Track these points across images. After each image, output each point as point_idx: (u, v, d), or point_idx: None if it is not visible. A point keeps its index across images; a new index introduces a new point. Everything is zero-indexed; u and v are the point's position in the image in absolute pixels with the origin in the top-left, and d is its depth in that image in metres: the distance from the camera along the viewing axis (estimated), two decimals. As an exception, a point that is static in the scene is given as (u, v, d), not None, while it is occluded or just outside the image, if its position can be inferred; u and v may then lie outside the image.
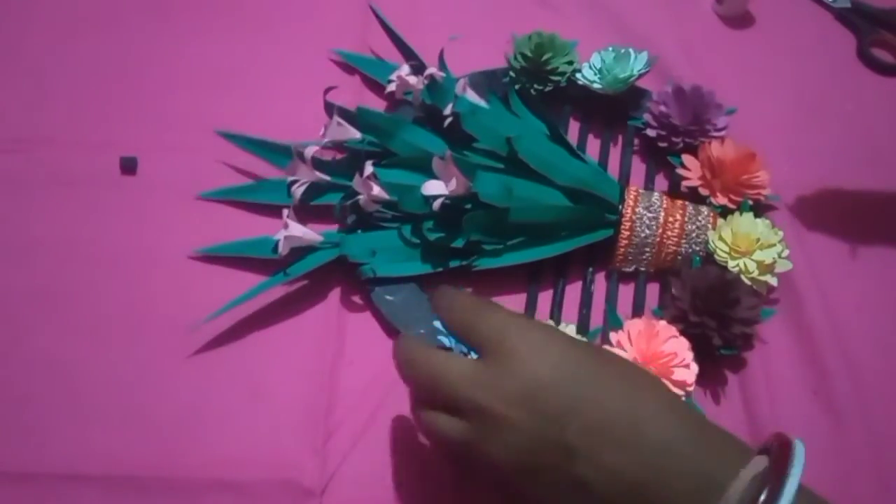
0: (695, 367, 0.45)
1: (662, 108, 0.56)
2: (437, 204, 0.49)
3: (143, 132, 0.57)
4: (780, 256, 0.50)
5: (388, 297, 0.50)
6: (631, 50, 0.57)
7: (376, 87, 0.59)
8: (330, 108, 0.53)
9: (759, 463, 0.34)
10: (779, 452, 0.34)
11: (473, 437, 0.36)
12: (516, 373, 0.36)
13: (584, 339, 0.40)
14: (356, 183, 0.50)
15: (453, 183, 0.49)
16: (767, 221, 0.51)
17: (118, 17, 0.62)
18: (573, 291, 0.52)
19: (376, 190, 0.50)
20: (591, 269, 0.53)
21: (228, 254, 0.51)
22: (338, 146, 0.54)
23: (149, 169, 0.55)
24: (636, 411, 0.35)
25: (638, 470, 0.34)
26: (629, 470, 0.34)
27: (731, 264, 0.49)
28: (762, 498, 0.32)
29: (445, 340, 0.46)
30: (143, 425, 0.46)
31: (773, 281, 0.50)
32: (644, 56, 0.57)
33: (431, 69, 0.54)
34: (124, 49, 0.61)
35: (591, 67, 0.58)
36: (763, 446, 0.35)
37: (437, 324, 0.42)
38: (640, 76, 0.57)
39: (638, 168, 0.57)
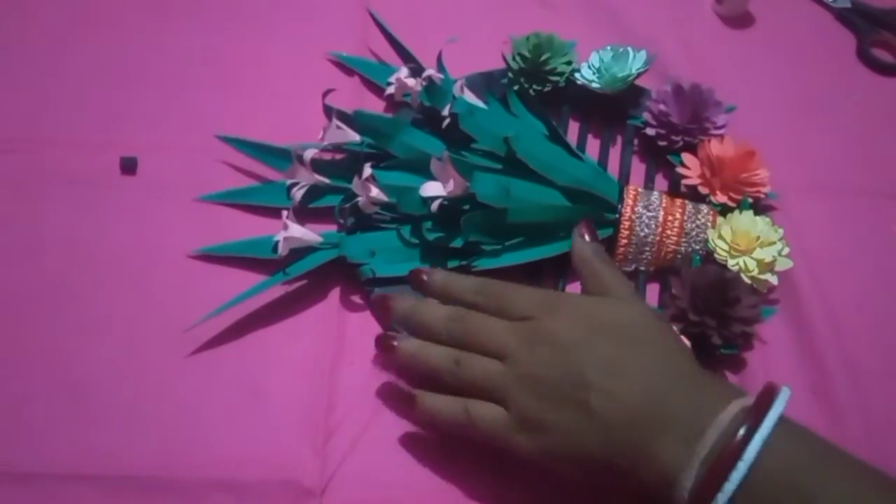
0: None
1: (662, 106, 0.56)
2: (435, 205, 0.49)
3: (143, 132, 0.57)
4: (780, 255, 0.50)
5: (387, 298, 0.50)
6: (629, 49, 0.57)
7: (375, 90, 0.60)
8: (329, 111, 0.53)
9: (747, 400, 0.39)
10: (766, 390, 0.39)
11: (508, 373, 0.42)
12: (555, 324, 0.42)
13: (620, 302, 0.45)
14: (355, 185, 0.50)
15: (451, 184, 0.49)
16: (767, 219, 0.51)
17: (118, 17, 0.63)
18: (573, 291, 0.52)
19: (375, 192, 0.50)
20: (590, 269, 0.53)
21: (228, 254, 0.51)
22: (337, 149, 0.54)
23: (149, 169, 0.55)
24: (648, 358, 0.41)
25: (641, 404, 0.39)
26: (633, 403, 0.39)
27: (730, 263, 0.49)
28: (747, 424, 0.36)
29: None
30: (143, 425, 0.46)
31: (774, 279, 0.50)
32: (643, 55, 0.57)
33: (429, 71, 0.54)
34: (124, 49, 0.61)
35: (589, 67, 0.58)
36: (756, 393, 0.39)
37: None
38: (639, 75, 0.57)
39: (637, 167, 0.57)
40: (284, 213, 0.49)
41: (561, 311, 0.43)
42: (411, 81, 0.55)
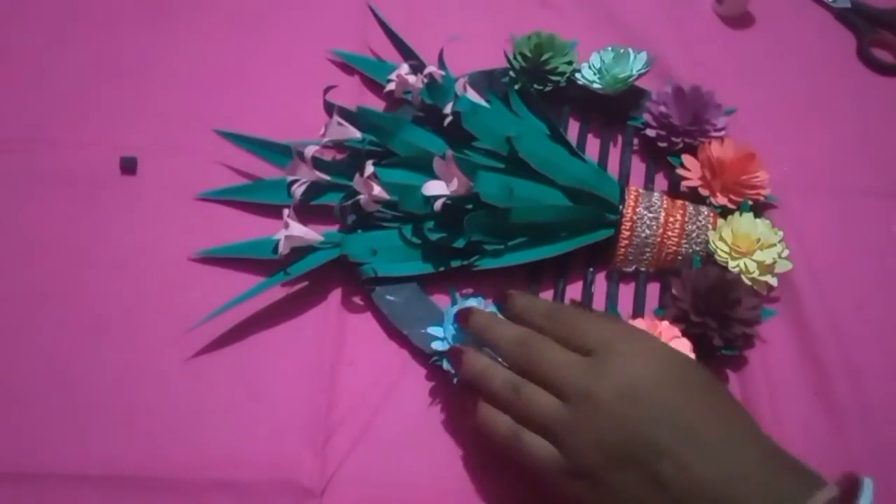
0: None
1: (662, 108, 0.56)
2: (438, 204, 0.49)
3: (143, 132, 0.57)
4: (780, 257, 0.50)
5: (388, 297, 0.50)
6: (630, 50, 0.57)
7: (376, 88, 0.60)
8: (330, 108, 0.53)
9: (831, 490, 0.36)
10: (848, 483, 0.36)
11: (567, 417, 0.39)
12: (623, 370, 0.39)
13: (683, 353, 0.42)
14: (356, 183, 0.50)
15: (454, 183, 0.49)
16: (767, 222, 0.51)
17: (118, 17, 0.63)
18: (574, 292, 0.52)
19: (377, 190, 0.50)
20: (591, 270, 0.53)
21: (229, 255, 0.51)
22: (338, 146, 0.54)
23: (149, 169, 0.55)
24: (725, 429, 0.38)
25: (718, 482, 0.36)
26: (711, 480, 0.36)
27: (731, 265, 0.50)
28: None
29: (439, 342, 0.46)
30: (143, 425, 0.46)
31: (774, 281, 0.50)
32: (643, 56, 0.57)
33: (430, 68, 0.54)
34: (124, 49, 0.61)
35: (590, 67, 0.58)
36: (836, 481, 0.37)
37: (451, 310, 0.46)
38: (640, 76, 0.57)
39: (637, 168, 0.57)
40: (285, 211, 0.49)
41: (635, 351, 0.40)
42: (412, 78, 0.55)
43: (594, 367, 0.39)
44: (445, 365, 0.46)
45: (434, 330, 0.47)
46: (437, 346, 0.47)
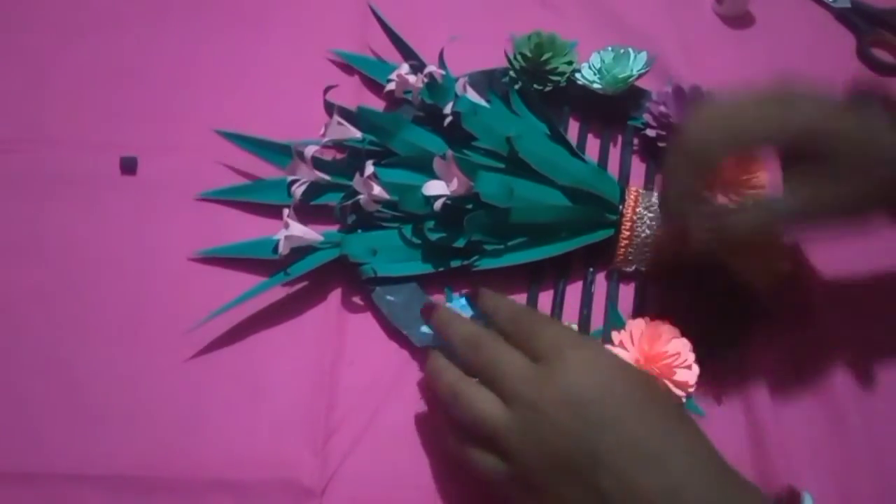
0: (696, 369, 0.45)
1: (662, 108, 0.56)
2: (438, 204, 0.49)
3: (143, 132, 0.57)
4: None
5: (388, 297, 0.50)
6: (630, 50, 0.57)
7: (375, 88, 0.59)
8: (330, 108, 0.53)
9: None
10: (790, 498, 0.37)
11: (512, 425, 0.39)
12: (569, 380, 0.38)
13: (634, 365, 0.42)
14: (356, 182, 0.50)
15: (455, 183, 0.49)
16: (767, 222, 0.51)
17: (118, 18, 0.62)
18: (574, 291, 0.52)
19: (377, 189, 0.50)
20: (591, 270, 0.53)
21: (229, 255, 0.51)
22: (338, 146, 0.54)
23: (149, 169, 0.55)
24: (668, 441, 0.37)
25: (658, 494, 0.36)
26: (649, 492, 0.36)
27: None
28: None
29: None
30: (143, 425, 0.46)
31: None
32: (643, 56, 0.57)
33: (431, 67, 0.54)
34: (124, 49, 0.61)
35: (590, 67, 0.58)
36: (776, 496, 0.38)
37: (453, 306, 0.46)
38: (640, 76, 0.57)
39: (638, 168, 0.57)
40: (285, 211, 0.49)
41: (583, 360, 0.39)
42: (412, 78, 0.55)
43: (541, 373, 0.39)
44: None
45: (430, 328, 0.47)
46: (427, 340, 0.47)
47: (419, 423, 0.47)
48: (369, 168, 0.50)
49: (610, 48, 0.57)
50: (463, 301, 0.47)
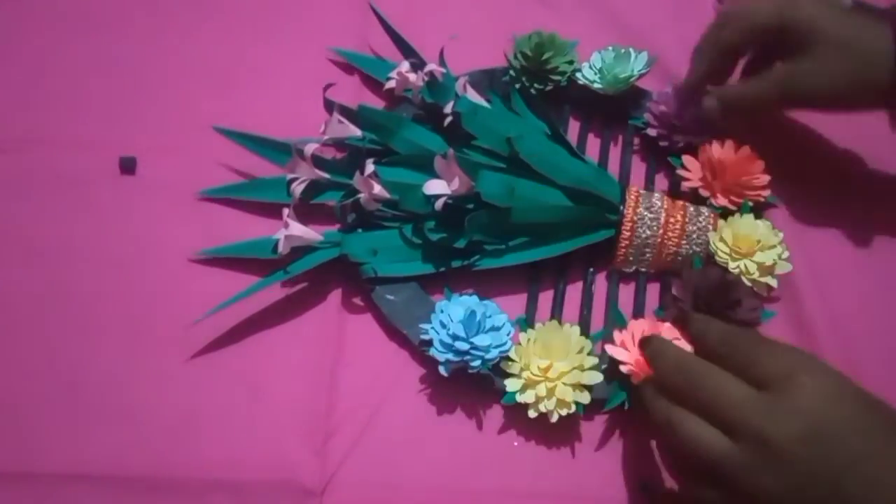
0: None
1: (662, 108, 0.56)
2: (439, 203, 0.49)
3: (142, 132, 0.57)
4: (780, 258, 0.50)
5: (388, 297, 0.50)
6: (631, 50, 0.57)
7: (375, 87, 0.59)
8: (330, 106, 0.53)
9: None
10: None
11: (740, 459, 0.36)
12: (808, 413, 0.36)
13: (867, 391, 0.38)
14: (357, 181, 0.50)
15: (456, 182, 0.49)
16: (768, 223, 0.51)
17: (118, 17, 0.62)
18: (574, 292, 0.52)
19: (377, 188, 0.50)
20: (591, 270, 0.53)
21: (229, 255, 0.51)
22: (338, 144, 0.54)
23: (148, 169, 0.55)
24: None
25: None
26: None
27: (731, 266, 0.49)
28: None
29: (437, 341, 0.46)
30: (143, 425, 0.46)
31: (774, 282, 0.50)
32: (644, 56, 0.57)
33: (431, 65, 0.54)
34: (124, 49, 0.61)
35: (591, 67, 0.58)
36: None
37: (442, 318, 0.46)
38: (641, 76, 0.57)
39: (638, 168, 0.57)
40: (285, 211, 0.49)
41: (818, 388, 0.36)
42: (412, 76, 0.55)
43: (772, 404, 0.36)
44: (432, 351, 0.46)
45: (426, 325, 0.47)
46: (425, 336, 0.47)
47: (419, 423, 0.47)
48: (370, 167, 0.50)
49: (611, 48, 0.57)
50: (463, 299, 0.47)
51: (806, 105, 0.53)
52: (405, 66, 0.56)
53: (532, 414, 0.45)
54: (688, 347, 0.46)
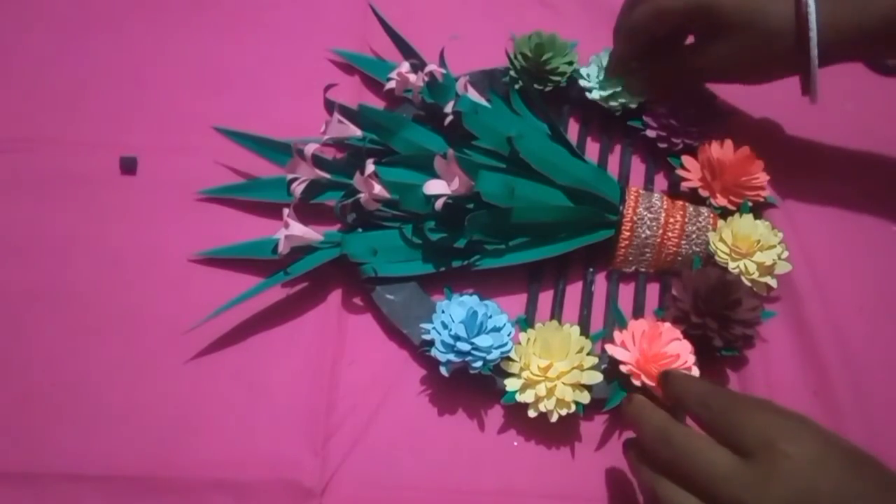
0: (696, 371, 0.45)
1: (662, 108, 0.56)
2: (439, 203, 0.49)
3: (142, 132, 0.57)
4: (779, 258, 0.50)
5: (388, 297, 0.50)
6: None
7: (376, 87, 0.60)
8: (330, 106, 0.53)
9: None
10: None
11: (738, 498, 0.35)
12: (792, 482, 0.34)
13: (862, 451, 0.36)
14: (357, 181, 0.50)
15: (456, 182, 0.49)
16: (767, 223, 0.51)
17: (118, 17, 0.63)
18: (574, 292, 0.52)
19: (377, 188, 0.50)
20: (591, 270, 0.53)
21: (229, 256, 0.51)
22: (338, 144, 0.54)
23: (149, 169, 0.55)
24: None
25: None
26: None
27: (731, 266, 0.50)
28: None
29: (438, 341, 0.46)
30: (143, 425, 0.46)
31: (773, 282, 0.50)
32: None
33: (431, 66, 0.54)
34: (124, 49, 0.61)
35: (587, 75, 0.58)
36: None
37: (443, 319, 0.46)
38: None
39: (637, 168, 0.57)
40: (285, 211, 0.49)
41: (805, 455, 0.35)
42: (413, 76, 0.55)
43: (755, 478, 0.34)
44: (433, 352, 0.46)
45: (427, 325, 0.47)
46: (426, 337, 0.47)
47: (419, 423, 0.47)
48: (370, 167, 0.50)
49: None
50: (464, 299, 0.47)
51: (719, 80, 0.56)
52: (405, 66, 0.56)
53: (532, 414, 0.45)
54: (688, 348, 0.46)
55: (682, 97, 0.56)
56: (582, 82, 0.57)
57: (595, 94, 0.57)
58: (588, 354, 0.46)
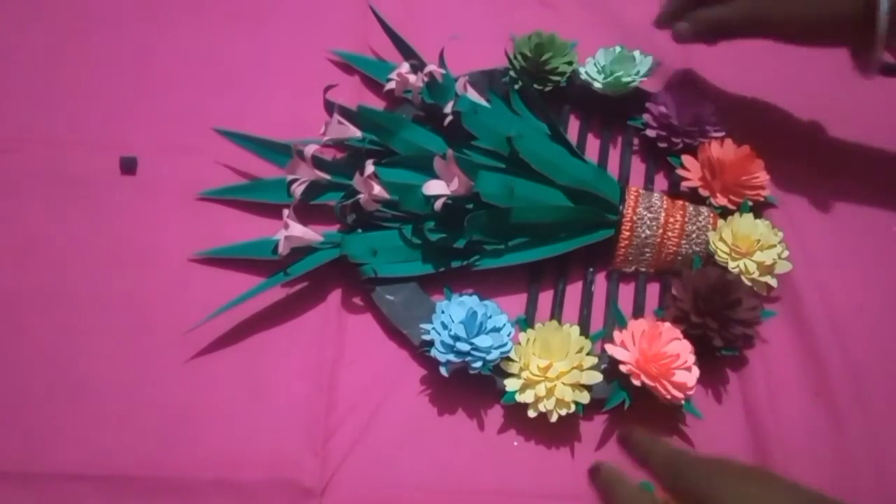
0: (696, 371, 0.45)
1: (662, 108, 0.56)
2: (438, 204, 0.49)
3: (143, 132, 0.57)
4: (779, 257, 0.50)
5: (388, 297, 0.50)
6: (637, 53, 0.57)
7: (376, 88, 0.60)
8: (330, 107, 0.53)
9: None
10: None
11: None
12: None
13: (827, 498, 0.35)
14: (357, 182, 0.50)
15: (455, 182, 0.49)
16: (767, 222, 0.51)
17: (118, 17, 0.63)
18: (574, 292, 0.52)
19: (377, 189, 0.50)
20: (591, 270, 0.53)
21: (229, 256, 0.51)
22: (338, 145, 0.54)
23: (149, 169, 0.55)
24: None
25: None
26: None
27: (731, 265, 0.50)
28: None
29: (438, 341, 0.46)
30: (143, 425, 0.46)
31: (773, 282, 0.50)
32: (649, 60, 0.57)
33: (431, 66, 0.54)
34: (124, 49, 0.61)
35: (595, 64, 0.58)
36: None
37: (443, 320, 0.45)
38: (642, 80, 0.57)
39: (637, 168, 0.57)
40: (285, 211, 0.49)
41: None
42: (412, 77, 0.55)
43: None
44: (433, 352, 0.46)
45: (427, 325, 0.47)
46: (426, 337, 0.47)
47: (419, 423, 0.47)
48: (369, 167, 0.50)
49: (618, 48, 0.57)
50: (464, 299, 0.47)
51: (770, 34, 0.53)
52: (405, 67, 0.56)
53: (532, 414, 0.45)
54: (688, 348, 0.46)
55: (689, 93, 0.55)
56: (584, 77, 0.57)
57: (598, 85, 0.57)
58: (588, 354, 0.46)
